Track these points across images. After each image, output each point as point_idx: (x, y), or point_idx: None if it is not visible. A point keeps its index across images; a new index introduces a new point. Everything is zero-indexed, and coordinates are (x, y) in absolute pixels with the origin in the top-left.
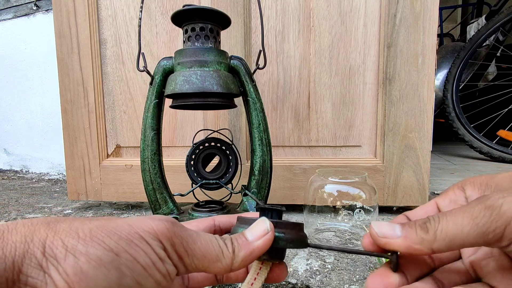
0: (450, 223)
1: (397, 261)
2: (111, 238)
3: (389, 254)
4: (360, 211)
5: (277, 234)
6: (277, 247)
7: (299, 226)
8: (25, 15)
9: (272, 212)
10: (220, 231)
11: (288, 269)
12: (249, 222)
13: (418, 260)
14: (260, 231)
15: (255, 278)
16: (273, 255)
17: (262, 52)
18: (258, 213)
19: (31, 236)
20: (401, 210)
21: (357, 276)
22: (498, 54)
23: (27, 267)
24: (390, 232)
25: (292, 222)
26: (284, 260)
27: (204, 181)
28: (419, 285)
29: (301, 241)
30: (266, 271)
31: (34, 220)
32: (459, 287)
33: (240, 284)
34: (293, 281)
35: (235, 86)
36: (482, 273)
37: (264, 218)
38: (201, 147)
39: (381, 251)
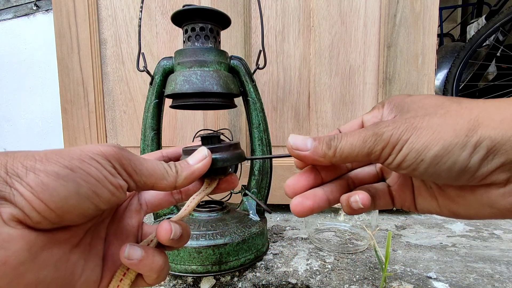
0: (347, 145)
1: None
2: (64, 159)
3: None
4: None
5: (215, 156)
6: (217, 167)
7: (235, 145)
8: (25, 15)
9: (212, 139)
10: (169, 160)
11: (288, 269)
12: (192, 152)
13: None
14: (199, 156)
15: (206, 188)
16: (217, 173)
17: (262, 52)
18: (200, 142)
19: None
20: (401, 209)
21: (357, 276)
22: (498, 54)
23: None
24: (302, 145)
25: (228, 143)
26: (232, 172)
27: None
28: (331, 184)
29: (236, 158)
30: (214, 185)
31: None
32: (366, 186)
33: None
34: (293, 281)
35: (235, 86)
36: (386, 176)
37: (203, 147)
38: None
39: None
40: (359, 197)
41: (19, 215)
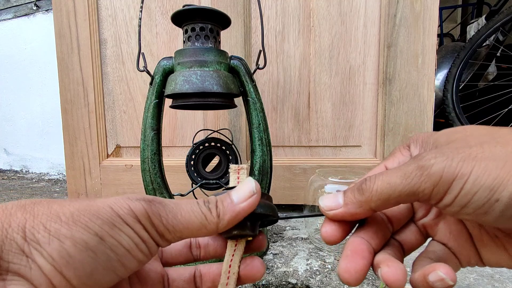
0: (384, 184)
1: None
2: (94, 222)
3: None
4: None
5: None
6: (256, 212)
7: (268, 196)
8: (25, 15)
9: None
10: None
11: (288, 269)
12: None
13: (379, 226)
14: (246, 192)
15: (231, 260)
16: (244, 226)
17: (262, 52)
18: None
19: (8, 222)
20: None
21: None
22: (498, 54)
23: (7, 253)
24: (334, 204)
25: (262, 192)
26: (261, 231)
27: (204, 181)
28: (388, 251)
29: (274, 210)
30: (242, 248)
31: (8, 204)
32: (423, 258)
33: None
34: (293, 281)
35: (235, 86)
36: (432, 233)
37: (250, 178)
38: (201, 147)
39: None
40: (442, 272)
41: None
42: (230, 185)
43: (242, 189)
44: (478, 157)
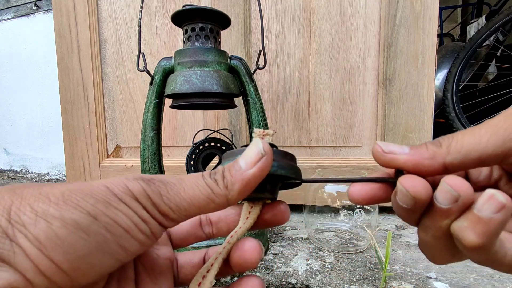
0: (466, 135)
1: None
2: (87, 202)
3: (394, 178)
4: (360, 211)
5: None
6: (271, 173)
7: (292, 156)
8: (25, 15)
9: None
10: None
11: (288, 269)
12: (238, 152)
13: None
14: (253, 154)
15: (247, 218)
16: (262, 189)
17: (262, 52)
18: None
19: None
20: None
21: (357, 276)
22: (498, 54)
23: None
24: (398, 148)
25: (284, 150)
26: (280, 199)
27: None
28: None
29: (295, 171)
30: (257, 211)
31: None
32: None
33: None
34: (293, 281)
35: (235, 86)
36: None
37: (257, 140)
38: (201, 147)
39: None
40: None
41: (19, 283)
42: None
43: (249, 153)
44: None
